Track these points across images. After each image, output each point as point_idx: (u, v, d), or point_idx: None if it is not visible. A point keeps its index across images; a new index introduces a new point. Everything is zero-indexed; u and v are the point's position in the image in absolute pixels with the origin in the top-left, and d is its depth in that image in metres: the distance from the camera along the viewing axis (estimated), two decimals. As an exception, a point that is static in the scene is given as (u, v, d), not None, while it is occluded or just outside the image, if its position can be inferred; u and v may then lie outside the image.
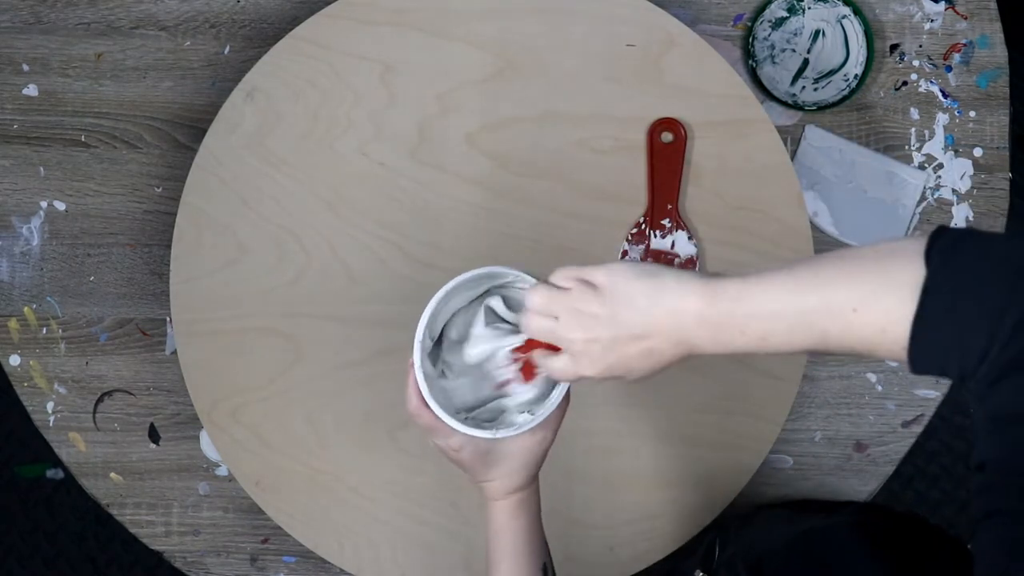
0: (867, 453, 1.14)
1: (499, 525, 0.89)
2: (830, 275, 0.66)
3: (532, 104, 1.10)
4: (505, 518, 0.89)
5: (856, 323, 0.65)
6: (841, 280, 0.65)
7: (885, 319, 0.63)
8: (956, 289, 0.61)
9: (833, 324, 0.66)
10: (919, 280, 0.62)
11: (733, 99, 1.10)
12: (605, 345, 0.74)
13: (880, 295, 0.63)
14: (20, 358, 1.14)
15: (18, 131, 1.15)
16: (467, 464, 0.88)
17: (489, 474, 0.88)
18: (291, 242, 1.09)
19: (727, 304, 0.69)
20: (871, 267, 0.65)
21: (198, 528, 1.13)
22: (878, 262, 0.65)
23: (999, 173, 1.15)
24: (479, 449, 0.86)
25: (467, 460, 0.87)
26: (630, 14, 1.10)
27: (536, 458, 0.88)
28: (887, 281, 0.63)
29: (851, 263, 0.66)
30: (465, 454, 0.87)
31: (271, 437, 1.08)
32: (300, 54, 1.09)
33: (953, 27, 1.15)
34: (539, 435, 0.87)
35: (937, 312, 0.62)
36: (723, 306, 0.69)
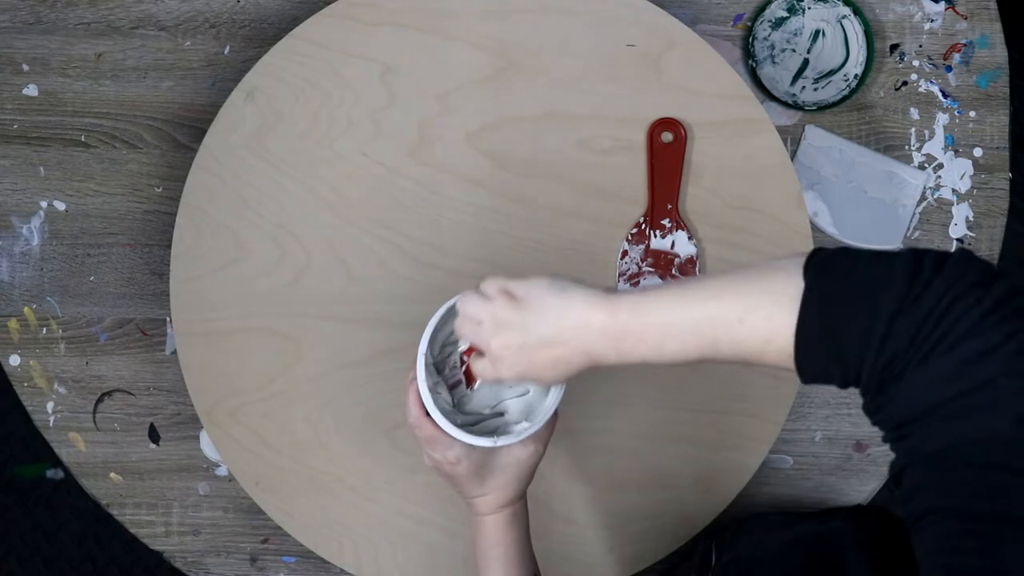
0: (867, 453, 1.14)
1: (491, 539, 0.92)
2: (718, 288, 0.71)
3: (532, 104, 1.10)
4: (498, 532, 0.91)
5: (742, 333, 0.69)
6: (727, 293, 0.70)
7: (769, 329, 0.67)
8: (829, 302, 0.65)
9: (722, 333, 0.70)
10: (799, 293, 0.66)
11: (733, 99, 1.10)
12: (516, 351, 0.79)
13: (763, 306, 0.68)
14: (20, 358, 1.14)
15: (18, 131, 1.15)
16: (462, 478, 0.90)
17: (483, 487, 0.90)
18: (291, 242, 1.09)
19: (625, 316, 0.74)
20: (755, 281, 0.69)
21: (198, 528, 1.13)
22: (761, 277, 0.69)
23: (999, 173, 1.15)
24: (475, 462, 0.89)
25: (463, 473, 0.89)
26: (630, 14, 1.10)
27: (528, 471, 0.91)
28: (769, 294, 0.68)
29: (737, 278, 0.70)
30: (462, 467, 0.89)
31: (271, 437, 1.08)
32: (300, 54, 1.09)
33: (953, 27, 1.16)
34: (531, 448, 0.90)
35: (814, 325, 0.65)
36: (622, 317, 0.74)
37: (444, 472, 0.91)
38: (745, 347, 0.69)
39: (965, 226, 1.15)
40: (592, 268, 1.08)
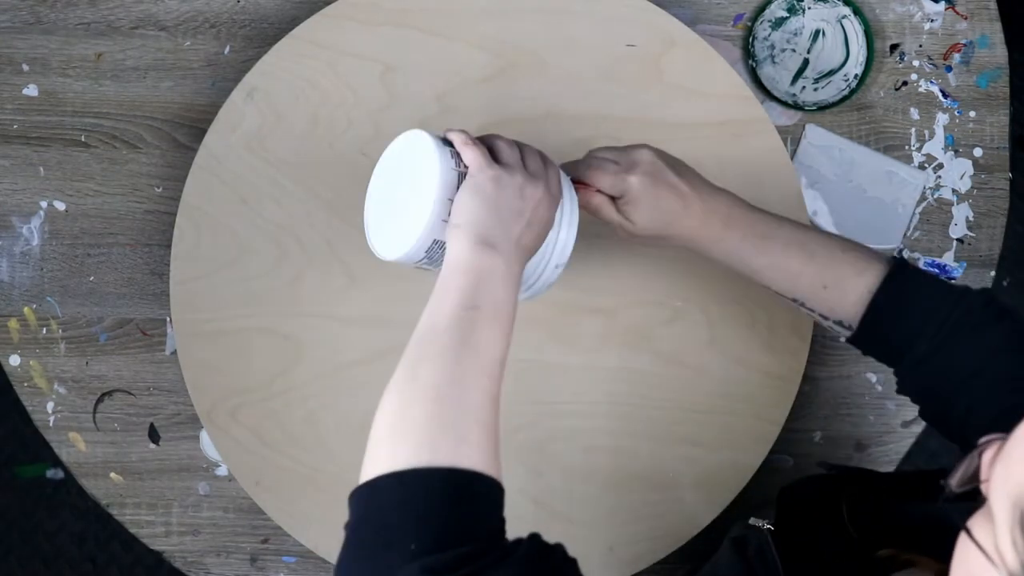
0: (867, 453, 1.14)
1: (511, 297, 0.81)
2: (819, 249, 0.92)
3: (532, 104, 1.10)
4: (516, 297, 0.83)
5: (823, 294, 0.92)
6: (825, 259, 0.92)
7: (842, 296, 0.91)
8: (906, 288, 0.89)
9: (806, 285, 0.91)
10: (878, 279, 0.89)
11: (733, 99, 1.10)
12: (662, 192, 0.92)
13: (847, 278, 0.90)
14: (20, 358, 1.14)
15: (18, 131, 1.15)
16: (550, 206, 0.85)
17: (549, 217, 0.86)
18: (291, 242, 1.09)
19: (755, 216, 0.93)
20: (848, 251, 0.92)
21: (198, 528, 1.13)
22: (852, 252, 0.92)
23: (999, 173, 1.15)
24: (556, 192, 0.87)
25: (554, 191, 0.86)
26: (630, 14, 1.10)
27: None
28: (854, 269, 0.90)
29: (836, 246, 0.92)
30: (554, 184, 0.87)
31: (271, 437, 1.08)
32: (300, 54, 1.09)
33: (953, 27, 1.16)
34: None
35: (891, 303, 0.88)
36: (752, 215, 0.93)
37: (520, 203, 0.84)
38: (816, 302, 0.91)
39: (965, 226, 1.15)
40: (592, 268, 1.08)
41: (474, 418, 0.74)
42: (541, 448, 1.08)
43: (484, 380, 0.76)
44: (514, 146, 0.87)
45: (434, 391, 0.74)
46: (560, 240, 0.89)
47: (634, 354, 1.08)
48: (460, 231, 0.81)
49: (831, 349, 1.14)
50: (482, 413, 0.74)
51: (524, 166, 0.85)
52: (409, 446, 0.72)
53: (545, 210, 0.84)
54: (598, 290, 1.09)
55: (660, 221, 0.91)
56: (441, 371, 0.75)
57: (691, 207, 0.91)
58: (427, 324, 0.78)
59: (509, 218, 0.82)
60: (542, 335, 1.08)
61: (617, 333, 1.09)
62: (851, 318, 0.90)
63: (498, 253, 0.80)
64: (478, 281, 0.79)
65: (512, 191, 0.83)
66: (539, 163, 0.87)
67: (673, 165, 0.92)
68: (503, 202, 0.82)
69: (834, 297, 0.90)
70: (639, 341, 1.09)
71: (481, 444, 0.73)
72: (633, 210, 0.91)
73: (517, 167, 0.84)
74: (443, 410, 0.73)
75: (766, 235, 0.91)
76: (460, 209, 0.82)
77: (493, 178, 0.82)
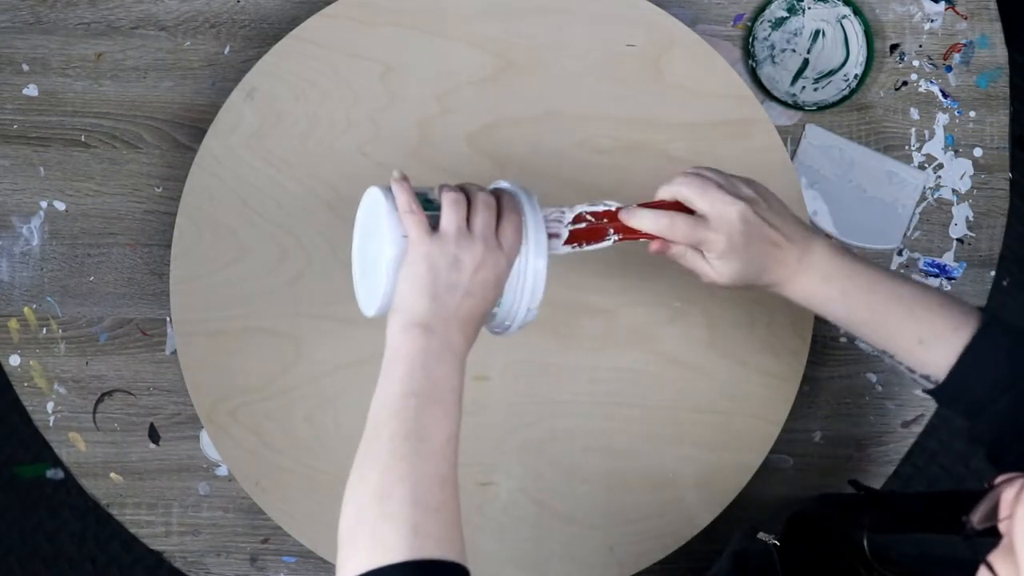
0: (867, 453, 1.14)
1: (456, 382, 0.82)
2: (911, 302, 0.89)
3: (532, 104, 1.10)
4: (460, 370, 0.82)
5: (917, 351, 0.88)
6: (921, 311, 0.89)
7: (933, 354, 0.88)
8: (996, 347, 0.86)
9: (898, 340, 0.88)
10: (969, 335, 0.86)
11: (733, 99, 1.10)
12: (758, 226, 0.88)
13: (942, 335, 0.87)
14: (20, 358, 1.14)
15: (18, 131, 1.15)
16: (494, 282, 0.83)
17: (494, 277, 0.83)
18: (291, 242, 1.09)
19: (852, 262, 0.89)
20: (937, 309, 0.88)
21: (198, 528, 1.13)
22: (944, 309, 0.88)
23: (999, 173, 1.15)
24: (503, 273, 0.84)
25: (498, 277, 0.83)
26: (630, 14, 1.10)
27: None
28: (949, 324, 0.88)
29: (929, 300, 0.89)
30: (501, 271, 0.83)
31: (271, 437, 1.08)
32: (300, 54, 1.09)
33: (953, 27, 1.16)
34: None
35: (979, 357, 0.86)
36: (849, 260, 0.89)
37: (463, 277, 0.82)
38: (907, 356, 0.88)
39: (965, 226, 1.15)
40: (592, 268, 1.08)
41: (424, 506, 0.75)
42: (541, 448, 1.08)
43: (431, 465, 0.77)
44: (458, 204, 0.83)
45: (381, 489, 0.76)
46: (528, 283, 0.86)
47: (634, 354, 1.08)
48: (395, 316, 0.82)
49: (831, 349, 1.14)
50: (431, 498, 0.76)
51: (468, 225, 0.83)
52: (364, 548, 0.75)
53: (490, 272, 0.82)
54: (598, 290, 1.09)
55: (751, 275, 0.88)
56: (387, 468, 0.77)
57: (786, 258, 0.87)
58: (373, 417, 0.80)
59: (444, 294, 0.81)
60: (542, 335, 1.08)
61: (617, 333, 1.09)
62: (938, 373, 0.87)
63: (432, 333, 0.80)
64: (413, 366, 0.80)
65: (445, 265, 0.81)
66: (486, 217, 0.83)
67: (769, 212, 0.87)
68: (437, 279, 0.81)
69: (928, 353, 0.87)
70: (639, 341, 1.09)
71: (433, 530, 0.75)
72: (720, 264, 0.87)
73: (453, 233, 0.82)
74: (391, 508, 0.75)
75: (866, 289, 0.88)
76: (398, 290, 0.83)
77: (424, 255, 0.81)
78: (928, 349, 0.87)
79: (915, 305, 0.88)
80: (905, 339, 0.88)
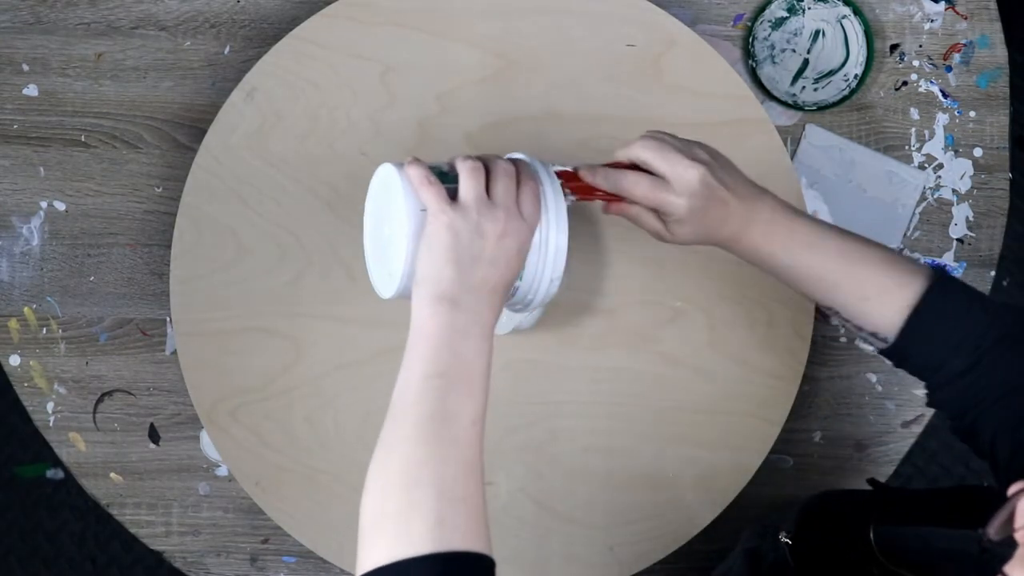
0: (867, 453, 1.14)
1: (487, 360, 0.79)
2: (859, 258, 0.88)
3: (532, 104, 1.10)
4: (487, 347, 0.80)
5: (862, 306, 0.88)
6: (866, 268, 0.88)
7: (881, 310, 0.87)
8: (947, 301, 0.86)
9: (845, 294, 0.88)
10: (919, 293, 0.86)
11: (733, 99, 1.10)
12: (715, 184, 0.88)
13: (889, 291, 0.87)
14: (20, 358, 1.14)
15: (18, 131, 1.15)
16: (520, 251, 0.82)
17: (518, 246, 0.82)
18: (291, 242, 1.09)
19: (794, 216, 0.89)
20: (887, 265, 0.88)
21: (198, 528, 1.13)
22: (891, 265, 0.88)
23: (999, 173, 1.15)
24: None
25: (523, 245, 0.82)
26: (630, 14, 1.10)
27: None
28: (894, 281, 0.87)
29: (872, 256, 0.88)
30: (525, 239, 0.82)
31: (271, 437, 1.08)
32: (300, 54, 1.09)
33: (953, 27, 1.16)
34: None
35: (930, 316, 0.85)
36: (791, 212, 0.89)
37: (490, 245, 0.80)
38: (852, 312, 0.88)
39: (965, 226, 1.15)
40: (591, 268, 1.08)
41: (450, 496, 0.73)
42: (541, 448, 1.08)
43: (456, 450, 0.75)
44: (477, 172, 0.81)
45: (406, 477, 0.74)
46: (551, 252, 0.85)
47: (634, 354, 1.08)
48: (419, 289, 0.80)
49: (831, 349, 1.14)
50: (458, 488, 0.73)
51: (488, 194, 0.81)
52: (388, 539, 0.72)
53: (513, 240, 0.80)
54: (598, 290, 1.09)
55: (702, 233, 0.88)
56: (411, 453, 0.74)
57: (732, 216, 0.88)
58: (397, 398, 0.78)
59: (468, 264, 0.79)
60: (542, 335, 1.08)
61: (617, 333, 1.09)
62: (887, 331, 0.87)
63: (459, 308, 0.78)
64: (440, 344, 0.77)
65: (467, 234, 0.79)
66: (506, 184, 0.82)
67: (723, 173, 0.88)
68: (460, 248, 0.79)
69: (873, 309, 0.86)
70: (639, 341, 1.09)
71: (460, 522, 0.73)
72: (678, 226, 0.88)
73: (474, 201, 0.80)
74: (416, 496, 0.73)
75: (807, 244, 0.88)
76: (419, 264, 0.80)
77: (447, 225, 0.79)
78: (872, 305, 0.86)
79: (859, 261, 0.87)
80: (848, 294, 0.87)
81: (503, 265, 0.80)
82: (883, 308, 0.86)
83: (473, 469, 0.75)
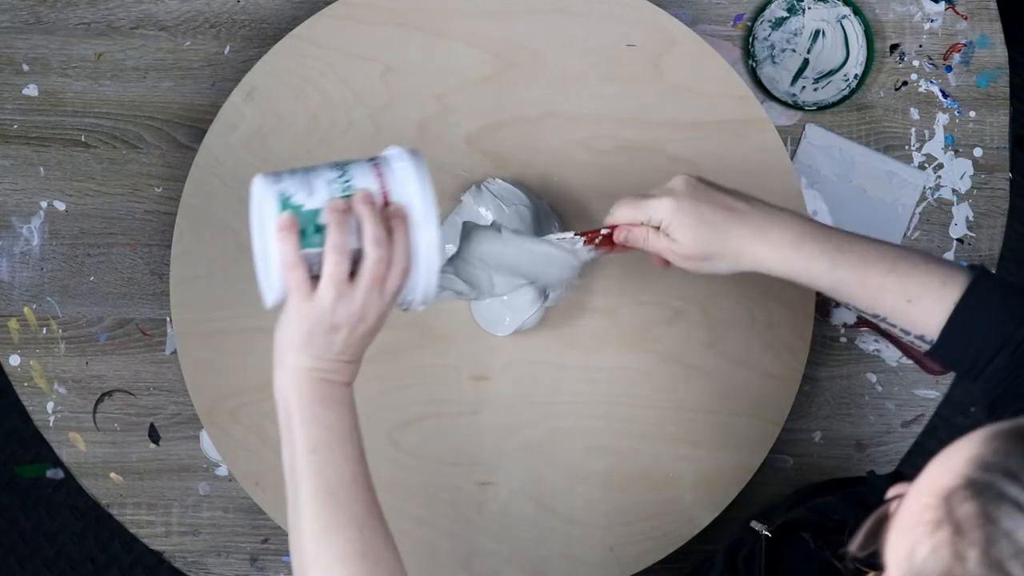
0: (867, 453, 1.14)
1: (351, 423, 0.84)
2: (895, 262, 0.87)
3: (532, 104, 1.10)
4: (352, 414, 0.84)
5: (908, 309, 0.87)
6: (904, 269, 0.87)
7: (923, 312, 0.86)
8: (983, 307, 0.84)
9: (889, 299, 0.86)
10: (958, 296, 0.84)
11: (733, 99, 1.10)
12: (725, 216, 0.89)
13: (931, 291, 0.85)
14: (20, 358, 1.14)
15: (18, 131, 1.15)
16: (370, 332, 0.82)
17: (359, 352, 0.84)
18: (291, 242, 1.09)
19: (830, 233, 0.88)
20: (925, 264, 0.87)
21: (198, 528, 1.13)
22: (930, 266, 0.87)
23: (999, 173, 1.15)
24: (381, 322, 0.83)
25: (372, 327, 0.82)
26: (630, 14, 1.10)
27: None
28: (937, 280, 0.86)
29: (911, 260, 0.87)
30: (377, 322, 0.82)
31: (271, 437, 1.08)
32: (300, 54, 1.09)
33: (953, 27, 1.16)
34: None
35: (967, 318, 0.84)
36: (827, 230, 0.88)
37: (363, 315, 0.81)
38: (898, 316, 0.86)
39: (965, 226, 1.15)
40: (592, 268, 1.08)
41: (350, 557, 0.79)
42: (541, 448, 1.08)
43: (347, 514, 0.80)
44: (340, 254, 0.79)
45: (315, 550, 0.80)
46: (422, 252, 0.82)
47: (634, 354, 1.08)
48: (278, 368, 0.83)
49: (831, 349, 1.14)
50: (354, 546, 0.79)
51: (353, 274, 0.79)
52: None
53: (371, 321, 0.81)
54: (598, 290, 1.09)
55: (710, 239, 0.87)
56: (311, 529, 0.80)
57: (748, 222, 0.87)
58: (287, 476, 0.82)
59: (324, 347, 0.81)
60: (542, 335, 1.08)
61: (617, 333, 1.09)
62: (933, 332, 0.85)
63: (316, 379, 0.82)
64: (306, 419, 0.81)
65: (322, 329, 0.80)
66: (375, 259, 0.79)
67: (718, 186, 0.89)
68: (314, 337, 0.80)
69: (918, 311, 0.85)
70: (639, 341, 1.09)
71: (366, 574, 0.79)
72: (676, 230, 0.87)
73: (331, 298, 0.79)
74: (324, 565, 0.79)
75: (842, 249, 0.86)
76: (277, 335, 0.82)
77: (303, 316, 0.80)
78: (918, 306, 0.85)
79: (898, 261, 0.86)
80: (892, 296, 0.86)
81: (358, 341, 0.82)
82: (928, 307, 0.85)
83: (365, 522, 0.80)
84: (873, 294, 0.86)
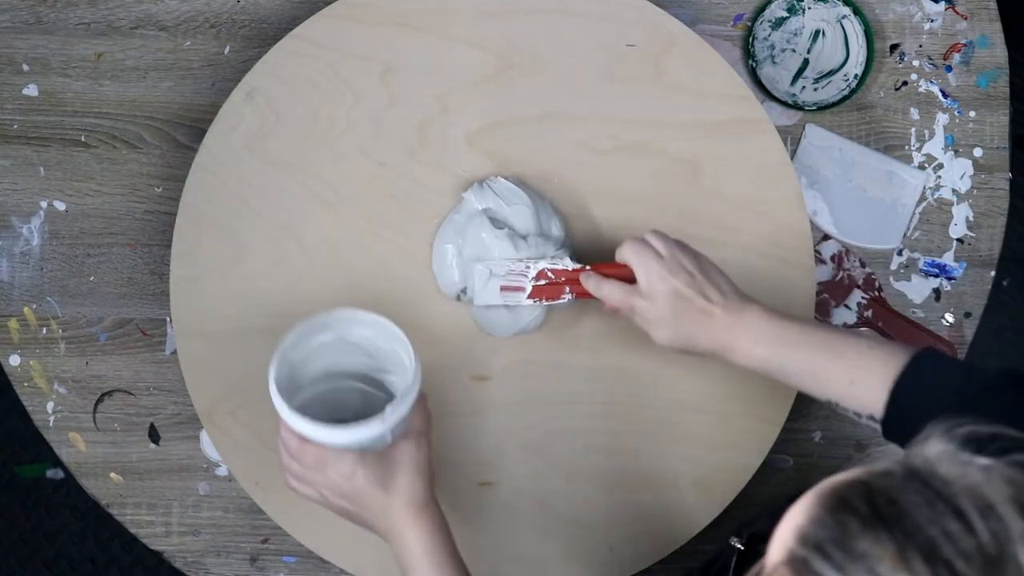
0: (867, 453, 1.14)
1: (419, 549, 0.91)
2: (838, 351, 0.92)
3: (532, 104, 1.10)
4: (423, 539, 0.91)
5: (850, 391, 0.91)
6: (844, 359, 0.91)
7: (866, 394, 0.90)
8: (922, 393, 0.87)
9: (834, 385, 0.91)
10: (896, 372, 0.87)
11: (733, 99, 1.10)
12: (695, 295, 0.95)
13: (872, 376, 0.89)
14: (20, 358, 1.14)
15: (18, 131, 1.15)
16: (364, 490, 0.90)
17: (389, 493, 0.91)
18: (291, 242, 1.09)
19: (780, 324, 0.94)
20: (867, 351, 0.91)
21: (198, 528, 1.13)
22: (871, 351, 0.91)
23: (999, 173, 1.15)
24: (372, 468, 0.90)
25: (362, 484, 0.90)
26: (630, 14, 1.10)
27: (425, 465, 0.93)
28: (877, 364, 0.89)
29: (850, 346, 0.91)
30: (359, 477, 0.90)
31: (271, 437, 1.08)
32: (300, 54, 1.09)
33: (953, 27, 1.16)
34: (415, 442, 0.92)
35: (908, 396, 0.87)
36: (777, 322, 0.94)
37: (344, 492, 0.91)
38: (846, 399, 0.90)
39: (965, 226, 1.15)
40: (592, 268, 1.09)
41: None
42: (541, 448, 1.08)
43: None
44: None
45: None
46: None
47: (634, 354, 1.08)
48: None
49: (831, 349, 1.14)
50: None
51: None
52: None
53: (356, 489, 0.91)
54: (598, 290, 1.09)
55: (682, 341, 0.95)
56: None
57: (716, 327, 0.93)
58: None
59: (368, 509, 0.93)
60: (543, 335, 1.08)
61: (617, 333, 1.09)
62: (880, 412, 0.88)
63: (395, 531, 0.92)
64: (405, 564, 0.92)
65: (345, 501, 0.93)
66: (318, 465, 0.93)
67: (707, 285, 0.94)
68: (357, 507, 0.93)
69: (862, 392, 0.89)
70: (639, 341, 1.09)
71: None
72: (654, 328, 0.95)
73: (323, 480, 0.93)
74: None
75: (795, 344, 0.92)
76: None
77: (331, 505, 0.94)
78: (860, 388, 0.89)
79: (845, 349, 0.90)
80: (838, 382, 0.90)
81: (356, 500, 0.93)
82: (869, 388, 0.88)
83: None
84: (822, 382, 0.91)
